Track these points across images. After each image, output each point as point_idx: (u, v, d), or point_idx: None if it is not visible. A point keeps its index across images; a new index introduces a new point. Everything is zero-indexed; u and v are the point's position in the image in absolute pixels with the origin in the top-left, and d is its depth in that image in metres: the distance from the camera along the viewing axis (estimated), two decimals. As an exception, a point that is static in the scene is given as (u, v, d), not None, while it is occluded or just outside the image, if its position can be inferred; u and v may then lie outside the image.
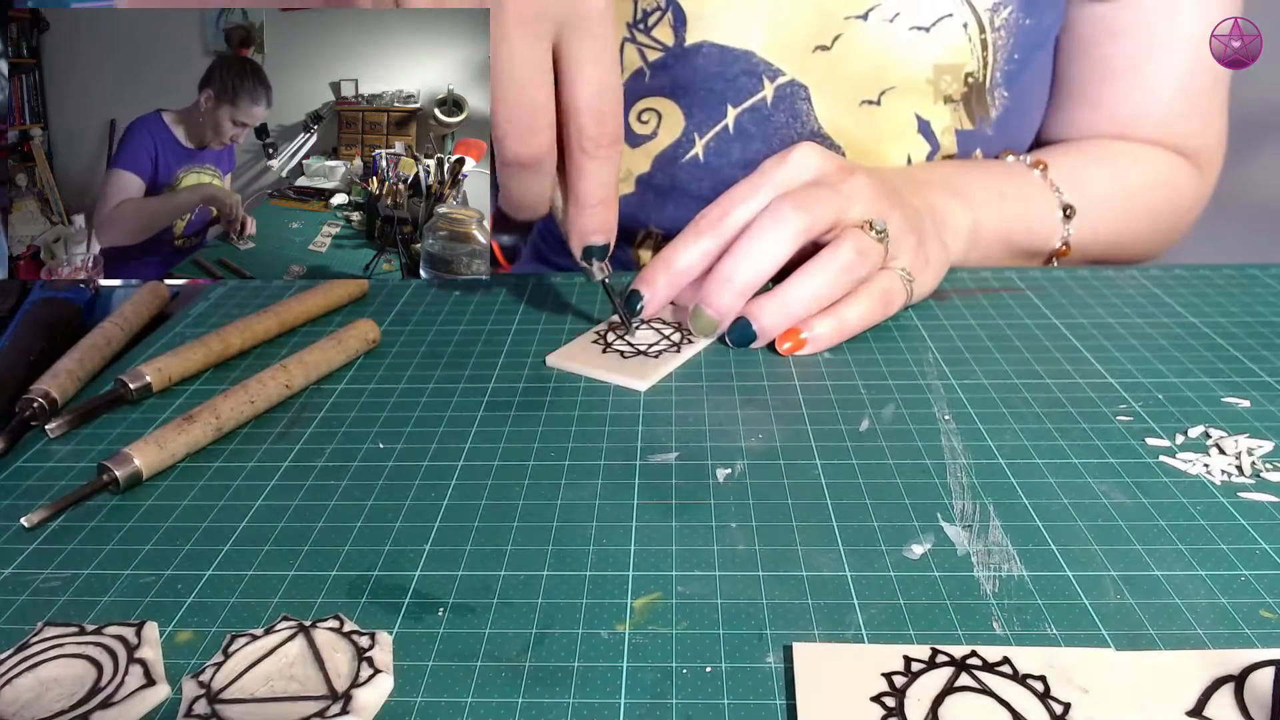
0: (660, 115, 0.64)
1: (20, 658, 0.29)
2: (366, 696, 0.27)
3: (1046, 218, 0.62)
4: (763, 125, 0.62)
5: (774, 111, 0.62)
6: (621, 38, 0.64)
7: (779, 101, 0.62)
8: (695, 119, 0.63)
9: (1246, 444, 0.39)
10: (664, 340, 0.50)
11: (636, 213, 0.66)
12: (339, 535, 0.35)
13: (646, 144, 0.64)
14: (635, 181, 0.66)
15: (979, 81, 0.62)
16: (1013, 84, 0.64)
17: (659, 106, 0.64)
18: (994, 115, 0.64)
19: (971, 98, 0.63)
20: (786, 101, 0.62)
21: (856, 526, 0.35)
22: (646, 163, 0.65)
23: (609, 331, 0.51)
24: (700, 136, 0.63)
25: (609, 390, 0.46)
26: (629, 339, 0.50)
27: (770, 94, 0.62)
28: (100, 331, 0.52)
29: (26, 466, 0.41)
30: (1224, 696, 0.26)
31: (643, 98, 0.64)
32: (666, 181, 0.65)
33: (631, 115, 0.65)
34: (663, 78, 0.63)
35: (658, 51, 0.63)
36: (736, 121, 0.62)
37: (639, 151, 0.65)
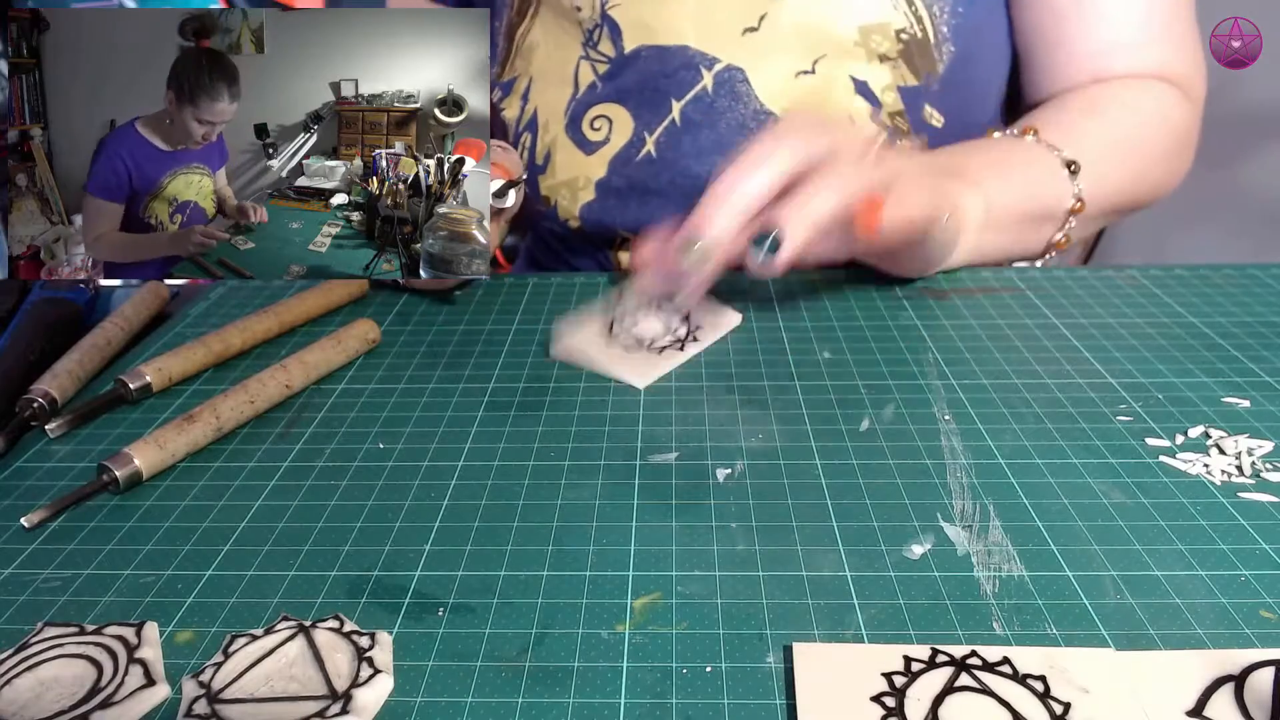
0: (611, 121, 0.66)
1: (20, 658, 0.29)
2: (366, 696, 0.27)
3: (1052, 179, 0.61)
4: (707, 113, 0.64)
5: (716, 98, 0.64)
6: (577, 58, 0.67)
7: (719, 88, 0.64)
8: (643, 119, 0.65)
9: (1246, 444, 0.39)
10: (669, 336, 0.50)
11: (601, 218, 0.67)
12: (339, 535, 0.35)
13: (601, 149, 0.67)
14: (595, 188, 0.67)
15: (917, 37, 0.63)
16: (960, 36, 0.65)
17: (608, 113, 0.66)
18: (941, 69, 0.65)
19: (912, 54, 0.64)
20: (726, 86, 0.64)
21: (856, 526, 0.35)
22: (603, 168, 0.67)
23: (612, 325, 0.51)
24: (650, 134, 0.65)
25: (609, 390, 0.46)
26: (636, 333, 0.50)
27: (710, 82, 0.64)
28: (100, 331, 0.52)
29: (26, 466, 0.41)
30: (1224, 696, 0.26)
31: (593, 106, 0.67)
32: (624, 183, 0.66)
33: (584, 124, 0.67)
34: (610, 87, 0.66)
35: (604, 64, 0.66)
36: (682, 114, 0.65)
37: (594, 158, 0.67)
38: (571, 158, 0.67)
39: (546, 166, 0.69)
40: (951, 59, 0.65)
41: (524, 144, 0.70)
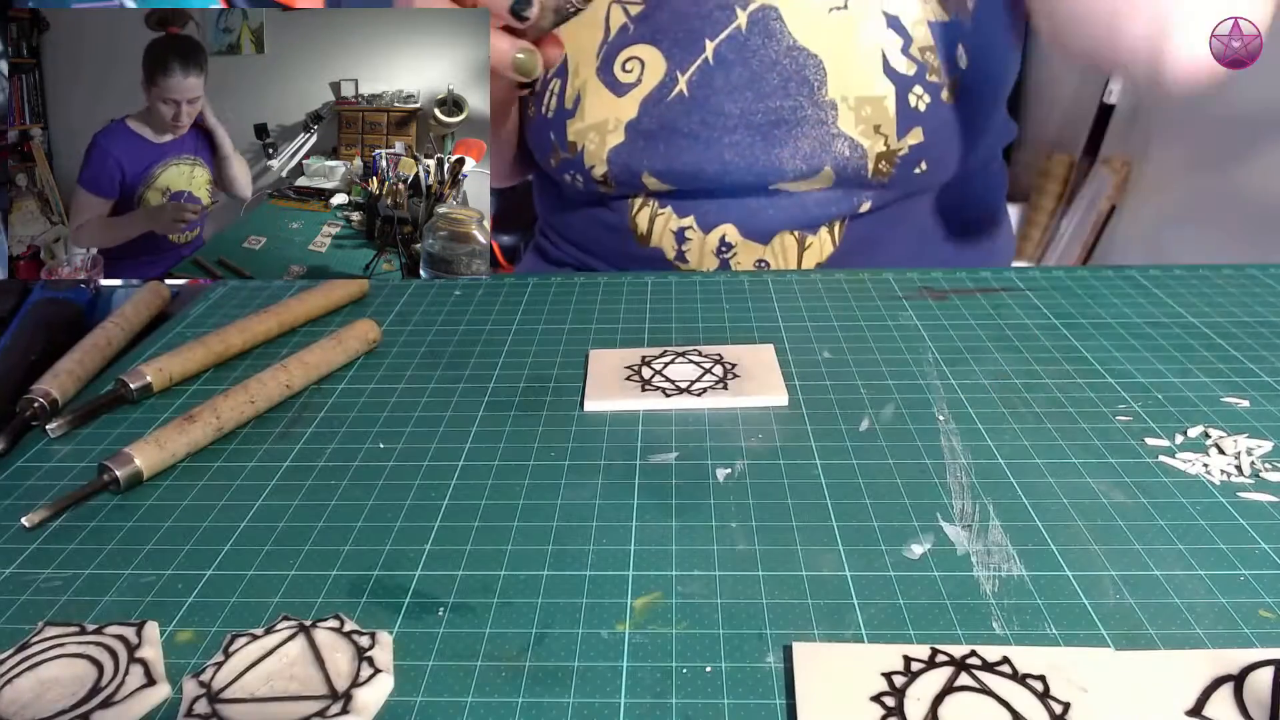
0: (643, 62, 0.66)
1: (21, 657, 0.29)
2: (367, 696, 0.27)
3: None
4: (740, 51, 0.65)
5: (749, 36, 0.65)
6: (608, 2, 0.67)
7: (753, 26, 0.64)
8: (675, 58, 0.66)
9: (1246, 444, 0.39)
10: (707, 375, 0.46)
11: (628, 161, 0.67)
12: (339, 535, 0.35)
13: (632, 91, 0.67)
14: (625, 129, 0.67)
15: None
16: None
17: (640, 54, 0.67)
18: (971, 7, 0.66)
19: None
20: (760, 25, 0.64)
21: (856, 526, 0.35)
22: (634, 109, 0.67)
23: (642, 367, 0.47)
24: (682, 74, 0.65)
25: (609, 390, 0.46)
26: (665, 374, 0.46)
27: (744, 21, 0.64)
28: (100, 331, 0.52)
29: (27, 466, 0.41)
30: (1223, 696, 0.26)
31: (625, 48, 0.67)
32: (654, 124, 0.67)
33: (616, 66, 0.67)
34: (644, 28, 0.66)
35: (638, 6, 0.66)
36: (715, 52, 0.65)
37: (626, 99, 0.67)
38: (602, 100, 0.67)
39: (576, 110, 0.68)
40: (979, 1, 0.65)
41: (553, 90, 0.70)
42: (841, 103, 0.65)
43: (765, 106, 0.65)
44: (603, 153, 0.68)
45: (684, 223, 0.68)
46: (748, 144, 0.66)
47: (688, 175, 0.66)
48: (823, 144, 0.65)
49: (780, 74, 0.65)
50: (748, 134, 0.66)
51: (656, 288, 0.59)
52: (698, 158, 0.66)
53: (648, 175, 0.67)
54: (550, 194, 0.78)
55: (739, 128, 0.66)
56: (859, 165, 0.64)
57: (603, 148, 0.68)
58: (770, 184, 0.66)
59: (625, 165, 0.67)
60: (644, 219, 0.69)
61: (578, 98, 0.68)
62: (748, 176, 0.65)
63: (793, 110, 0.65)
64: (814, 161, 0.65)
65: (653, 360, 0.48)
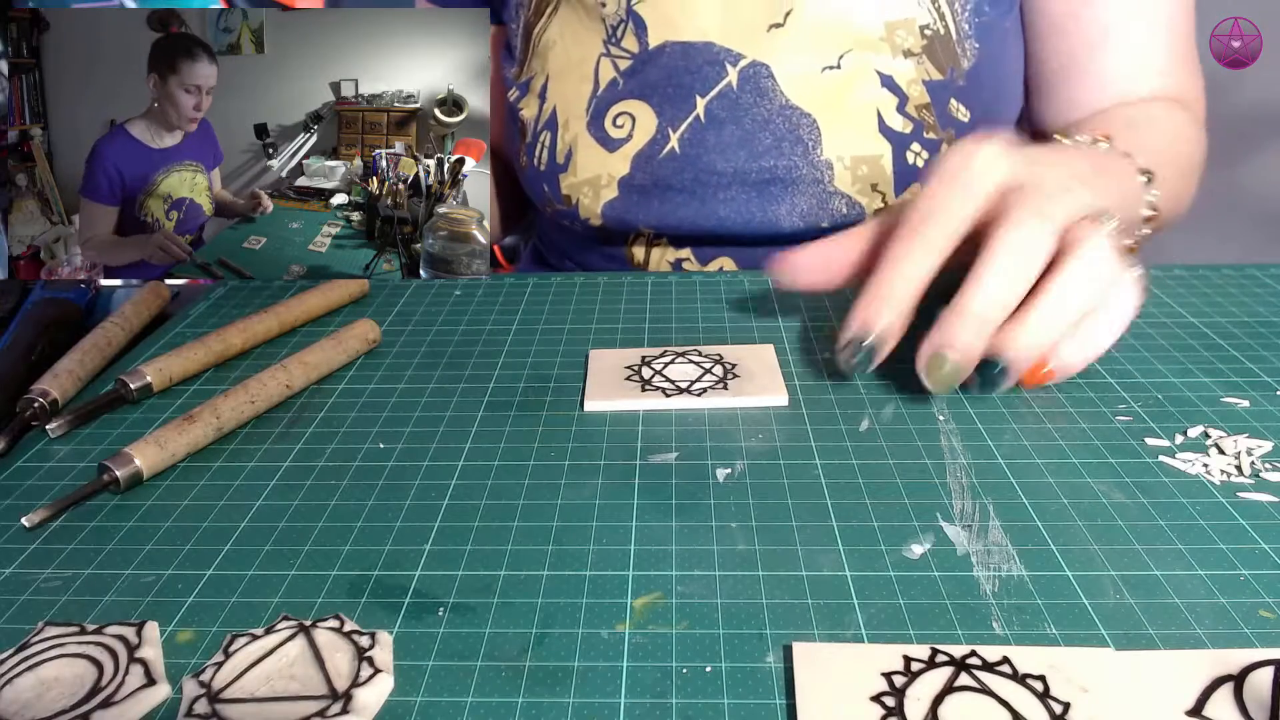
0: (634, 117, 0.66)
1: (21, 657, 0.29)
2: (367, 696, 0.27)
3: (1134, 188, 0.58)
4: (732, 109, 0.64)
5: (741, 94, 0.64)
6: (598, 55, 0.66)
7: (744, 83, 0.64)
8: (666, 115, 0.65)
9: (1246, 444, 0.39)
10: (707, 375, 0.46)
11: (623, 215, 0.67)
12: (339, 535, 0.35)
13: (623, 146, 0.66)
14: (618, 185, 0.67)
15: (940, 33, 0.64)
16: (987, 35, 0.65)
17: (631, 109, 0.66)
18: (966, 66, 0.65)
19: (936, 49, 0.64)
20: (751, 83, 0.64)
21: (856, 526, 0.35)
22: (625, 165, 0.66)
23: (642, 366, 0.47)
24: (674, 130, 0.65)
25: (609, 390, 0.46)
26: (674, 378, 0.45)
27: (735, 78, 0.64)
28: (100, 331, 0.52)
29: (27, 466, 0.41)
30: (1223, 696, 0.26)
31: (615, 103, 0.66)
32: (648, 180, 0.66)
33: (606, 121, 0.66)
34: (633, 83, 0.65)
35: (627, 60, 0.65)
36: (707, 109, 0.64)
37: (617, 155, 0.66)
38: (594, 155, 0.67)
39: (568, 165, 0.68)
40: (977, 55, 0.65)
41: (543, 143, 0.69)
42: (837, 162, 0.64)
43: (759, 166, 0.64)
44: (597, 207, 0.67)
45: (681, 254, 0.68)
46: (743, 200, 0.65)
47: (684, 229, 0.66)
48: (820, 202, 0.64)
49: (773, 133, 0.64)
50: (743, 190, 0.65)
51: (656, 288, 0.59)
52: (693, 214, 0.65)
53: (644, 227, 0.67)
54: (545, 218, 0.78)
55: (733, 184, 0.65)
56: (858, 222, 0.63)
57: (596, 202, 0.67)
58: (767, 238, 0.65)
59: (620, 218, 0.67)
60: (640, 251, 0.70)
61: (569, 153, 0.68)
62: (744, 231, 0.65)
63: (787, 170, 0.64)
64: (811, 219, 0.64)
65: (653, 360, 0.48)
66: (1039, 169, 0.44)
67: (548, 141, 0.69)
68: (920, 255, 0.42)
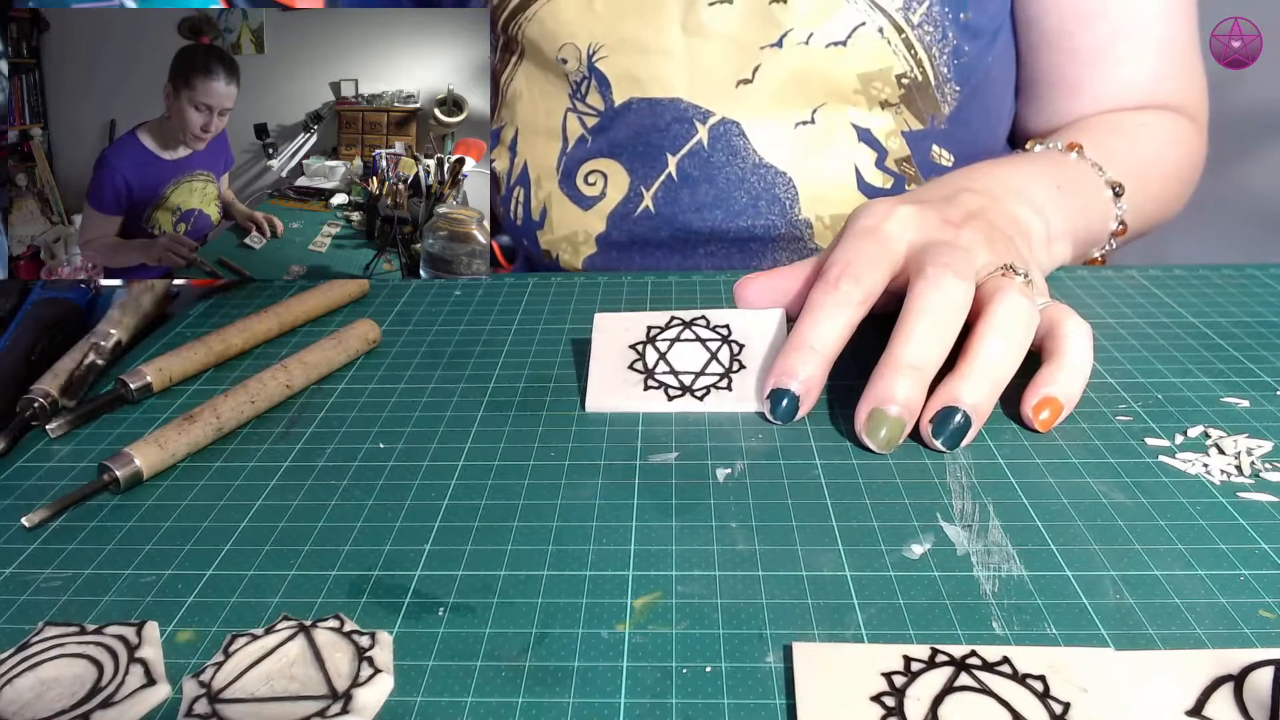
0: (605, 176, 0.65)
1: (21, 657, 0.29)
2: (367, 696, 0.27)
3: (1099, 202, 0.59)
4: (704, 167, 0.63)
5: (712, 152, 0.63)
6: (564, 109, 0.66)
7: (715, 141, 0.62)
8: (639, 173, 0.64)
9: (1246, 444, 0.39)
10: (714, 362, 0.45)
11: (604, 268, 0.67)
12: (339, 535, 0.35)
13: (598, 205, 0.65)
14: (595, 242, 0.67)
15: (919, 80, 0.62)
16: (968, 76, 0.64)
17: (603, 168, 0.65)
18: (947, 111, 0.64)
19: (915, 98, 0.62)
20: (722, 140, 0.62)
21: (856, 526, 0.35)
22: (601, 223, 0.66)
23: (646, 345, 0.46)
24: (646, 189, 0.64)
25: (609, 390, 0.46)
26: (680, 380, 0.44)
27: (705, 136, 0.62)
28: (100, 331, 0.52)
29: (27, 466, 0.41)
30: (1223, 696, 0.26)
31: (586, 161, 0.66)
32: (624, 237, 0.66)
33: (578, 178, 0.66)
34: (602, 140, 0.64)
35: (594, 117, 0.64)
36: (679, 167, 0.63)
37: (592, 213, 0.66)
38: (568, 213, 0.66)
39: (544, 222, 0.67)
40: (958, 98, 0.64)
41: (517, 198, 0.68)
42: (816, 221, 0.63)
43: (736, 225, 0.63)
44: (577, 262, 0.67)
45: None
46: (724, 254, 0.64)
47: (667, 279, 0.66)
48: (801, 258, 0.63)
49: (749, 191, 0.62)
50: (722, 246, 0.64)
51: (656, 288, 0.59)
52: (676, 266, 0.65)
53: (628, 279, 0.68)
54: None
55: (712, 241, 0.64)
56: None
57: (576, 257, 0.67)
58: None
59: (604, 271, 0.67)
60: None
61: (544, 210, 0.67)
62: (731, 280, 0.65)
63: (766, 229, 0.63)
64: None
65: (658, 336, 0.46)
66: (949, 231, 0.45)
67: (521, 197, 0.68)
68: (837, 311, 0.42)
